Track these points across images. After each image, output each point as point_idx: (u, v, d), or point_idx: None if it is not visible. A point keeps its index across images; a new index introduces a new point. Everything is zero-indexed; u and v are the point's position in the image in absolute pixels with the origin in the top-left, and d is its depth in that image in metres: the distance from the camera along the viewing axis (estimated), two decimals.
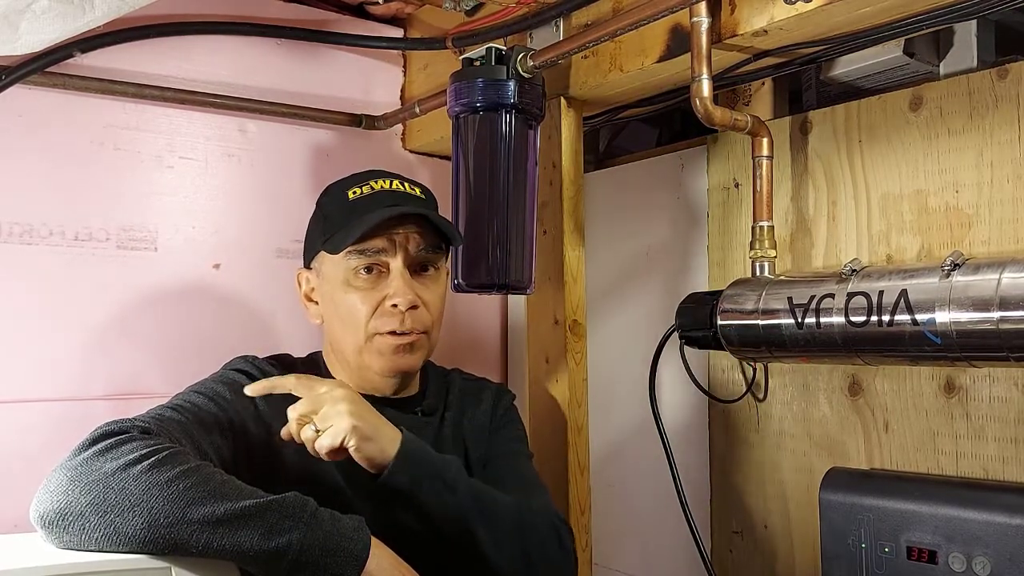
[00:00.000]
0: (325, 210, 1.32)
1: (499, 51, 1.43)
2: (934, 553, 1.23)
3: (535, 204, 1.50)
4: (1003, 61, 1.30)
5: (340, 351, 1.30)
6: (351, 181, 1.33)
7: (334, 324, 1.30)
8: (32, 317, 1.55)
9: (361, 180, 1.32)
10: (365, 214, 1.25)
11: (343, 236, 1.24)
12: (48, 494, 0.97)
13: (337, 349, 1.31)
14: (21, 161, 1.56)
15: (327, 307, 1.30)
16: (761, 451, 1.57)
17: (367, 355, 1.27)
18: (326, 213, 1.31)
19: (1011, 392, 1.25)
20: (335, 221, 1.28)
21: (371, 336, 1.26)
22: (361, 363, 1.28)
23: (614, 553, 1.85)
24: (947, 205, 1.32)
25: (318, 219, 1.33)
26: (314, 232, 1.34)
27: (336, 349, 1.31)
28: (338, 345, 1.30)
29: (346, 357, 1.29)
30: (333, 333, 1.31)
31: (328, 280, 1.29)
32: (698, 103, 1.31)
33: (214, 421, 1.13)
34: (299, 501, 1.00)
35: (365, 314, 1.25)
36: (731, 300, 1.41)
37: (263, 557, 0.96)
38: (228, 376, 1.23)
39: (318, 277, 1.32)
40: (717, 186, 1.66)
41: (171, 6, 1.63)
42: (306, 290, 1.34)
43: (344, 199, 1.29)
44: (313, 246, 1.32)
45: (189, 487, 0.96)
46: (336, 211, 1.29)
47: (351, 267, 1.26)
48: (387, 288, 1.25)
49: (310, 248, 1.34)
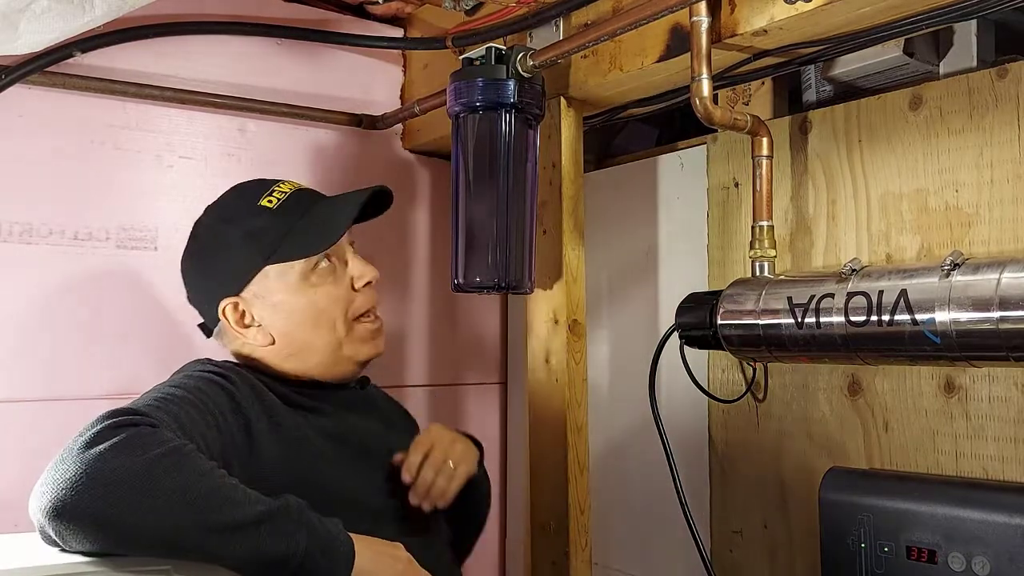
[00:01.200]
0: (246, 228, 1.27)
1: (499, 51, 1.43)
2: (934, 553, 1.23)
3: (535, 204, 1.50)
4: (1003, 61, 1.30)
5: (308, 356, 1.28)
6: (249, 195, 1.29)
7: (298, 331, 1.27)
8: (32, 316, 1.55)
9: (261, 189, 1.29)
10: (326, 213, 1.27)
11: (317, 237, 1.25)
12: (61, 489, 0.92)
13: (302, 356, 1.28)
14: (21, 161, 1.56)
15: (283, 318, 1.26)
16: (761, 451, 1.57)
17: (349, 346, 1.28)
18: (251, 230, 1.26)
19: (1011, 392, 1.25)
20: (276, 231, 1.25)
21: (351, 325, 1.28)
22: (339, 357, 1.28)
23: (614, 553, 1.85)
24: (947, 205, 1.32)
25: (240, 240, 1.27)
26: (240, 253, 1.27)
27: (300, 357, 1.28)
28: (306, 350, 1.28)
29: (317, 358, 1.28)
30: (296, 341, 1.27)
31: (278, 291, 1.26)
32: (698, 103, 1.31)
33: (199, 414, 1.11)
34: (297, 504, 1.02)
35: (342, 304, 1.27)
36: (731, 300, 1.41)
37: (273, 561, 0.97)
38: (196, 373, 1.20)
39: (256, 297, 1.27)
40: (717, 186, 1.66)
41: (171, 6, 1.64)
42: (235, 318, 1.27)
43: (266, 210, 1.26)
44: (243, 268, 1.26)
45: (206, 493, 0.96)
46: (269, 223, 1.26)
47: (309, 266, 1.25)
48: (348, 273, 1.30)
49: (236, 274, 1.27)
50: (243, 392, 1.19)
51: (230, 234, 1.28)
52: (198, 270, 1.32)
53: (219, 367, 1.23)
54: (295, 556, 0.98)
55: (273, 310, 1.27)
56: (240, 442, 1.14)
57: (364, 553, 1.04)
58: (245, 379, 1.22)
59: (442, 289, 1.98)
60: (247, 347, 1.30)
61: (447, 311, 2.04)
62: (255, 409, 1.18)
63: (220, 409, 1.14)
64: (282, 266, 1.25)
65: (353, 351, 1.29)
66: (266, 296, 1.26)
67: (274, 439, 1.17)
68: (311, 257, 1.26)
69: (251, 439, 1.15)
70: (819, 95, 1.51)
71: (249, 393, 1.19)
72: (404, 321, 1.98)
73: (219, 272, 1.29)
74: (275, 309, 1.27)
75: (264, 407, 1.19)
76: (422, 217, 2.02)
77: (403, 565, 1.08)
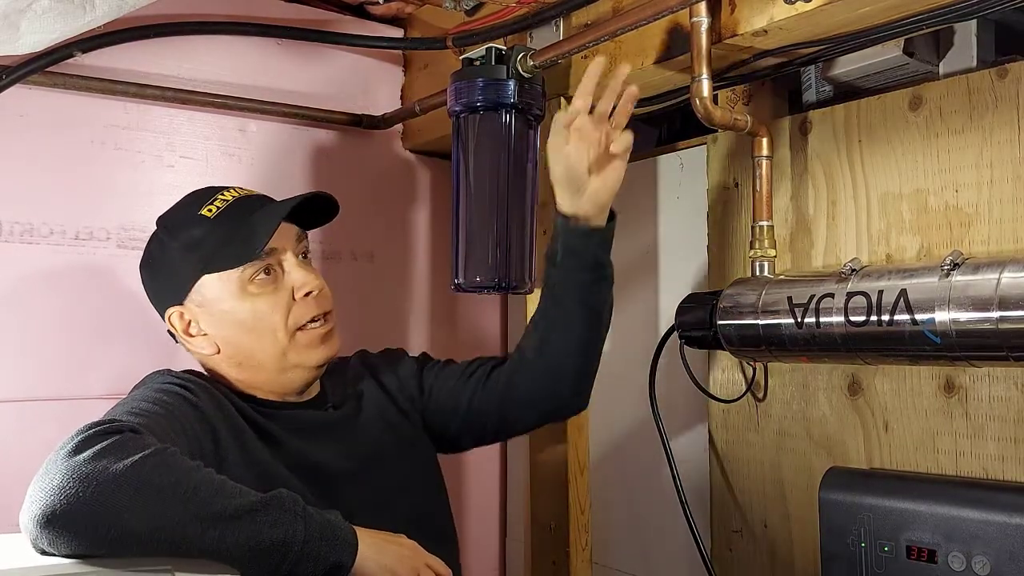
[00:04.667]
0: (184, 238, 1.26)
1: (499, 51, 1.43)
2: (933, 552, 1.23)
3: (535, 204, 1.50)
4: (1003, 61, 1.30)
5: (256, 365, 1.26)
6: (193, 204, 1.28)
7: (241, 341, 1.25)
8: (32, 316, 1.55)
9: (205, 198, 1.28)
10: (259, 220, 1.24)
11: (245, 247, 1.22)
12: (51, 495, 0.93)
13: (250, 365, 1.27)
14: (21, 161, 1.56)
15: (224, 329, 1.25)
16: (761, 451, 1.57)
17: (293, 354, 1.26)
18: (188, 241, 1.26)
19: (1011, 392, 1.25)
20: (212, 240, 1.24)
21: (293, 333, 1.25)
22: (286, 365, 1.26)
23: (614, 553, 1.85)
24: (947, 205, 1.32)
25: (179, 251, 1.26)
26: (180, 264, 1.26)
27: (248, 365, 1.27)
28: (251, 360, 1.26)
29: (265, 367, 1.26)
30: (240, 350, 1.26)
31: (218, 301, 1.25)
32: (698, 103, 1.31)
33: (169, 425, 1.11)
34: (291, 496, 1.02)
35: (282, 313, 1.25)
36: (731, 300, 1.41)
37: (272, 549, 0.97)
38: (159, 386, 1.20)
39: (199, 307, 1.26)
40: (717, 186, 1.66)
41: (171, 6, 1.64)
42: (182, 327, 1.27)
43: (204, 219, 1.25)
44: (183, 279, 1.26)
45: (197, 486, 0.96)
46: (206, 232, 1.25)
47: (247, 276, 1.23)
48: (289, 282, 1.26)
49: (178, 284, 1.26)
50: (205, 402, 1.19)
51: (171, 245, 1.28)
52: (148, 280, 1.32)
53: (179, 378, 1.23)
54: (295, 544, 0.97)
55: (215, 319, 1.25)
56: (208, 450, 1.14)
57: (367, 540, 1.04)
58: (205, 390, 1.22)
59: (442, 289, 1.98)
60: (199, 356, 1.30)
61: (447, 311, 2.04)
62: (218, 419, 1.18)
63: (186, 418, 1.14)
64: (220, 276, 1.24)
65: (300, 358, 1.26)
66: (207, 306, 1.25)
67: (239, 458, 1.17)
68: (246, 266, 1.23)
69: (218, 447, 1.16)
70: (819, 95, 1.51)
71: (211, 403, 1.20)
72: (404, 321, 1.98)
73: (164, 282, 1.29)
74: (217, 318, 1.25)
75: (226, 420, 1.20)
76: (422, 217, 2.02)
77: (408, 551, 1.07)
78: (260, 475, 1.16)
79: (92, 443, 0.97)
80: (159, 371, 1.27)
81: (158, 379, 1.23)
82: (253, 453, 1.19)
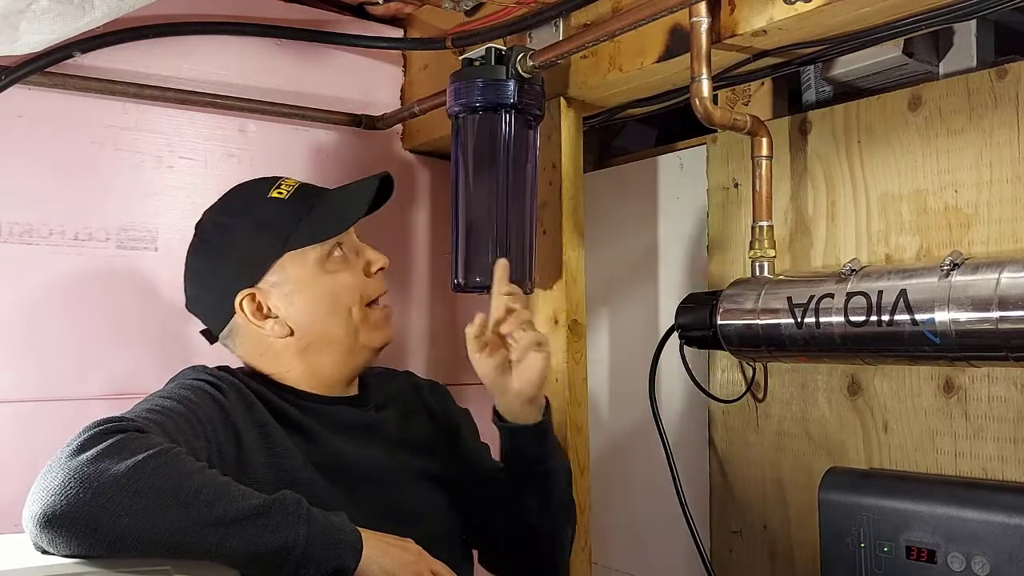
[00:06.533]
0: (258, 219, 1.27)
1: (499, 51, 1.43)
2: (933, 552, 1.23)
3: (535, 204, 1.50)
4: (1002, 61, 1.30)
5: (326, 344, 1.27)
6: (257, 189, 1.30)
7: (317, 318, 1.26)
8: (32, 317, 1.55)
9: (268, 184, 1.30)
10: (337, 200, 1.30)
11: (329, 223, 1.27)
12: (52, 495, 0.92)
13: (320, 345, 1.27)
14: (21, 161, 1.56)
15: (302, 306, 1.25)
16: (761, 451, 1.57)
17: (364, 333, 1.29)
18: (262, 220, 1.26)
19: (1010, 392, 1.25)
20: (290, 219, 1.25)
21: (366, 312, 1.29)
22: (356, 345, 1.28)
23: (614, 553, 1.85)
24: (946, 205, 1.32)
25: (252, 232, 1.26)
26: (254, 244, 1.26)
27: (318, 346, 1.27)
28: (323, 338, 1.27)
29: (335, 346, 1.28)
30: (314, 330, 1.26)
31: (297, 279, 1.25)
32: (698, 103, 1.31)
33: (187, 424, 1.10)
34: (294, 499, 1.01)
35: (358, 289, 1.28)
36: (731, 300, 1.41)
37: (274, 554, 0.96)
38: (188, 383, 1.19)
39: (274, 287, 1.25)
40: (717, 186, 1.66)
41: (171, 6, 1.63)
42: (252, 311, 1.25)
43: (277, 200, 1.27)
44: (259, 258, 1.26)
45: (199, 489, 0.96)
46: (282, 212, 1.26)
47: (324, 252, 1.27)
48: (362, 259, 1.32)
49: (252, 265, 1.26)
50: (233, 402, 1.18)
51: (241, 226, 1.28)
52: (208, 267, 1.30)
53: (211, 375, 1.22)
54: (296, 548, 0.97)
55: (290, 299, 1.26)
56: (228, 453, 1.13)
57: (372, 543, 1.03)
58: (237, 389, 1.21)
59: (442, 289, 1.98)
60: (263, 343, 1.27)
61: (447, 311, 2.04)
62: (245, 420, 1.18)
63: (209, 419, 1.14)
64: (298, 254, 1.25)
65: (368, 338, 1.29)
66: (283, 285, 1.25)
67: (263, 458, 1.16)
68: (326, 243, 1.26)
69: (240, 451, 1.15)
70: (819, 95, 1.51)
71: (240, 404, 1.19)
72: (404, 321, 1.98)
73: (232, 265, 1.27)
74: (293, 298, 1.26)
75: (255, 420, 1.19)
76: (422, 217, 2.02)
77: (413, 556, 1.06)
78: (284, 476, 1.16)
79: (95, 443, 0.97)
80: (194, 366, 1.27)
81: (190, 375, 1.23)
82: (281, 454, 1.18)
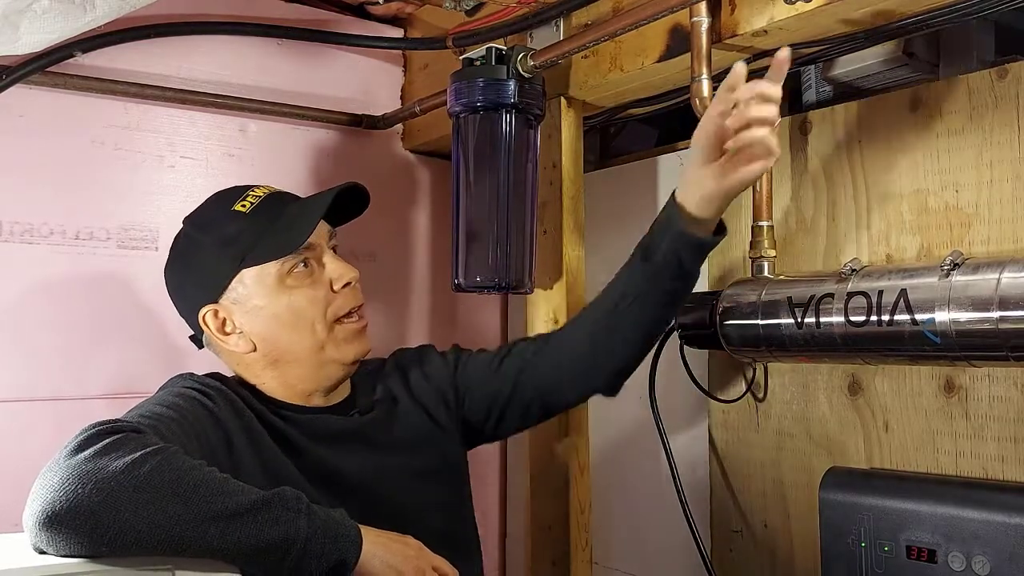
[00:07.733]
0: (219, 234, 1.25)
1: (499, 51, 1.43)
2: (933, 552, 1.23)
3: (535, 204, 1.50)
4: (1003, 61, 1.30)
5: (292, 360, 1.25)
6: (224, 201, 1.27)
7: (279, 335, 1.24)
8: (32, 317, 1.55)
9: (235, 195, 1.27)
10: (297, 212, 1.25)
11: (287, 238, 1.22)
12: (51, 493, 0.93)
13: (285, 361, 1.26)
14: (21, 161, 1.56)
15: (262, 323, 1.24)
16: (761, 451, 1.57)
17: (331, 348, 1.25)
18: (223, 236, 1.24)
19: (1011, 392, 1.25)
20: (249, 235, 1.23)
21: (332, 326, 1.25)
22: (323, 360, 1.25)
23: (614, 553, 1.85)
24: (946, 205, 1.32)
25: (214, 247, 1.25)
26: (215, 260, 1.24)
27: (284, 362, 1.26)
28: (288, 355, 1.25)
29: (301, 362, 1.25)
30: (277, 346, 1.25)
31: (255, 296, 1.23)
32: (698, 103, 1.31)
33: (180, 428, 1.10)
34: (294, 494, 1.01)
35: (320, 305, 1.24)
36: (731, 300, 1.41)
37: (275, 547, 0.96)
38: (178, 391, 1.19)
39: (235, 303, 1.24)
40: None
41: (171, 6, 1.64)
42: (216, 326, 1.24)
43: (239, 215, 1.24)
44: (219, 275, 1.24)
45: (197, 484, 0.96)
46: (242, 227, 1.24)
47: (285, 269, 1.23)
48: (327, 275, 1.26)
49: (213, 281, 1.24)
50: (222, 409, 1.18)
51: (204, 241, 1.26)
52: (178, 280, 1.30)
53: (200, 383, 1.22)
54: (297, 541, 0.97)
55: (252, 315, 1.24)
56: (221, 457, 1.14)
57: (372, 538, 1.03)
58: (225, 396, 1.21)
59: (442, 289, 1.98)
60: (234, 356, 1.27)
61: (447, 311, 2.04)
62: (234, 426, 1.18)
63: (200, 424, 1.14)
64: (258, 270, 1.23)
65: (337, 353, 1.26)
66: (244, 301, 1.24)
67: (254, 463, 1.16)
68: (285, 259, 1.23)
69: (231, 454, 1.15)
70: (819, 95, 1.51)
71: (229, 410, 1.19)
72: (404, 321, 1.98)
73: (197, 280, 1.26)
74: (254, 314, 1.24)
75: (243, 426, 1.19)
76: (422, 217, 2.02)
77: (414, 551, 1.07)
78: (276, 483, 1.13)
79: (93, 442, 0.97)
80: (182, 374, 1.26)
81: (179, 383, 1.22)
82: (270, 461, 1.18)
